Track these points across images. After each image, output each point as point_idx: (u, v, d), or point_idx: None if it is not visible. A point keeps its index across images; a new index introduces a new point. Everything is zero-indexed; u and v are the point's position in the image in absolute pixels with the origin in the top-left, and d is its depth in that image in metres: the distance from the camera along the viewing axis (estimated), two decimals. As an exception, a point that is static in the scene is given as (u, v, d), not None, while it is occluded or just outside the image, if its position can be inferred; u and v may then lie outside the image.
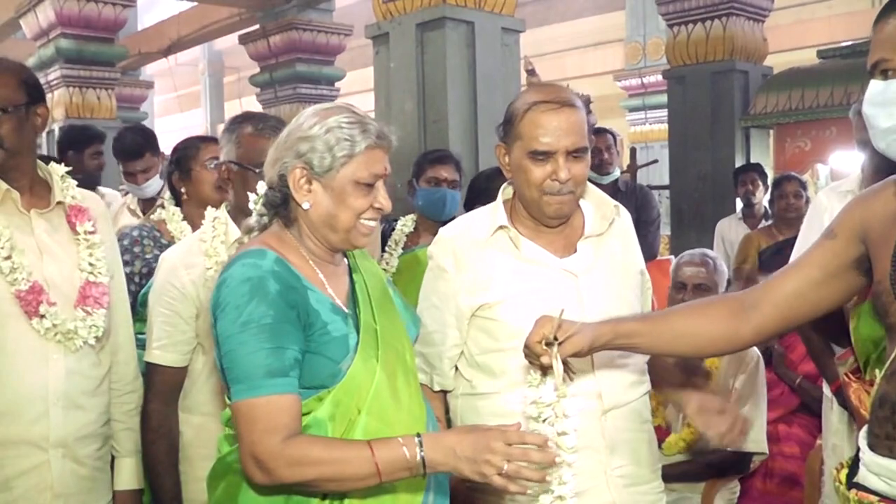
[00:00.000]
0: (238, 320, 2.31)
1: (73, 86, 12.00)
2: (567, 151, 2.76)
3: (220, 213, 3.40)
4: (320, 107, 2.56)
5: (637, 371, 2.93)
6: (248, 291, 2.32)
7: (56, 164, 3.33)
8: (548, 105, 2.79)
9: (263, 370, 2.29)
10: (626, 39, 19.00)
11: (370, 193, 2.48)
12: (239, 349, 2.31)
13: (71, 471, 3.13)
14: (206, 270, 3.26)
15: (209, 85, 28.11)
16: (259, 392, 2.28)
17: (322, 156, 2.44)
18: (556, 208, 2.82)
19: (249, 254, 2.42)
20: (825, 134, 8.80)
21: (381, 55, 7.66)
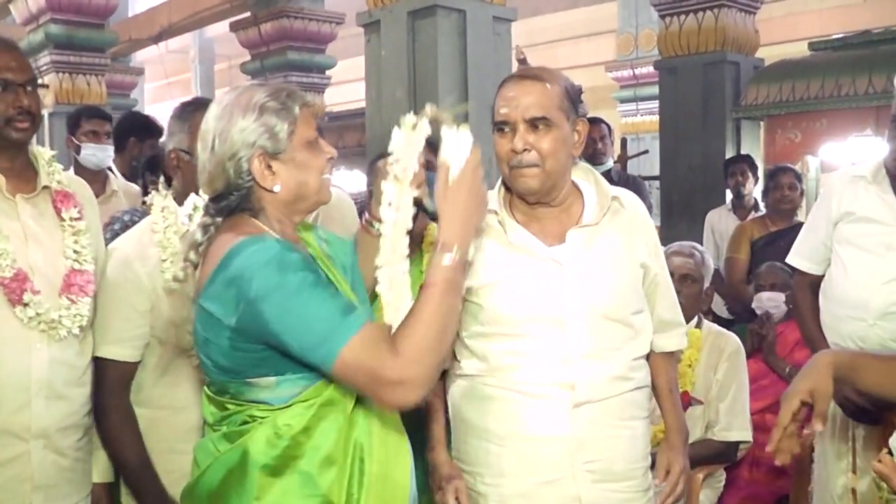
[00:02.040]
0: (287, 294, 2.29)
1: (62, 71, 11.97)
2: (525, 121, 2.75)
3: (168, 203, 3.31)
4: (225, 102, 2.50)
5: (624, 366, 2.90)
6: (277, 269, 2.30)
7: (42, 148, 3.31)
8: (512, 78, 2.84)
9: (338, 315, 2.30)
10: (619, 30, 18.97)
11: (319, 149, 2.51)
12: (305, 314, 2.29)
13: (52, 462, 3.11)
14: (162, 262, 3.20)
15: (200, 72, 27.99)
16: (349, 334, 2.28)
17: (272, 136, 2.43)
18: (522, 182, 2.81)
19: (248, 242, 2.37)
20: (816, 126, 8.79)
21: (372, 43, 7.64)
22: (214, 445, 2.50)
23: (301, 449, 2.40)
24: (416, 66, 7.23)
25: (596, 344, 2.82)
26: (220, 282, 2.35)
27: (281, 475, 2.40)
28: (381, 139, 7.24)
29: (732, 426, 4.36)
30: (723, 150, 9.34)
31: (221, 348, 2.38)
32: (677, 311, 3.12)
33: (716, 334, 4.55)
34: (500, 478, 2.88)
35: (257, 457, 2.39)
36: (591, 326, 2.82)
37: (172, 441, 3.26)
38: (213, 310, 2.36)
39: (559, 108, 2.80)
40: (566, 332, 2.80)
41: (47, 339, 3.07)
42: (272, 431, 2.40)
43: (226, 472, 2.45)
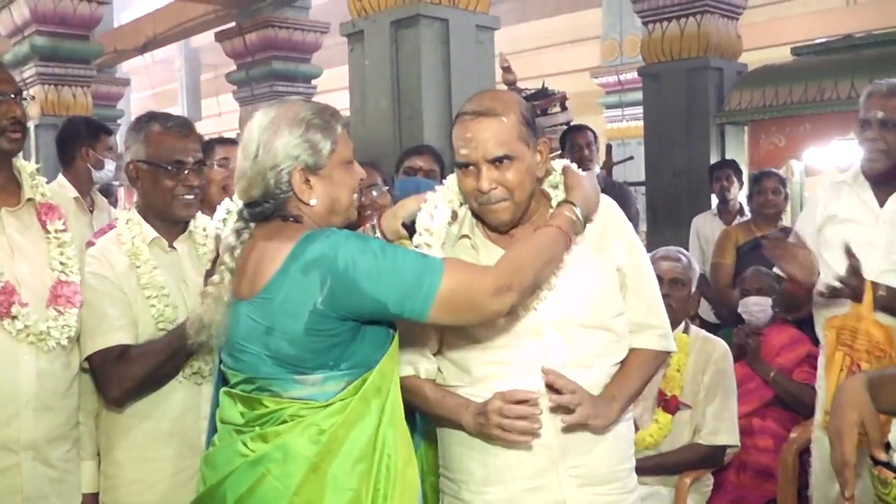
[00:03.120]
0: (375, 255, 2.46)
1: (48, 83, 11.95)
2: (487, 160, 2.72)
3: (132, 214, 3.38)
4: (275, 113, 2.61)
5: (604, 373, 2.90)
6: (357, 240, 2.51)
7: (25, 162, 3.33)
8: (466, 116, 2.77)
9: (421, 258, 2.55)
10: (603, 36, 18.98)
11: (354, 169, 2.67)
12: (395, 265, 2.47)
13: (42, 473, 3.13)
14: (135, 269, 3.26)
15: (186, 82, 27.98)
16: (439, 267, 2.50)
17: (314, 151, 2.56)
18: (494, 217, 2.80)
19: (314, 234, 2.51)
20: (799, 130, 8.82)
21: (355, 52, 7.66)
22: (246, 446, 2.53)
23: (339, 444, 2.49)
24: (400, 76, 7.24)
25: (573, 353, 2.82)
26: (296, 270, 2.45)
27: (318, 471, 2.46)
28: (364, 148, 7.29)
29: (719, 430, 4.36)
30: (707, 155, 9.37)
31: (292, 335, 2.46)
32: (652, 314, 3.04)
33: (703, 339, 4.56)
34: (484, 485, 2.87)
35: (300, 452, 2.46)
36: (567, 336, 2.82)
37: (144, 448, 3.29)
38: (289, 298, 2.45)
39: (519, 138, 2.76)
40: (544, 342, 2.81)
41: (35, 351, 3.08)
42: (314, 429, 2.48)
43: (262, 471, 2.49)
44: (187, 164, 3.29)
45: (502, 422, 2.67)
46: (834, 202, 4.17)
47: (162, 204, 3.32)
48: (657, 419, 4.35)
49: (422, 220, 2.92)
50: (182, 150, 3.29)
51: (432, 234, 2.89)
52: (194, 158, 3.32)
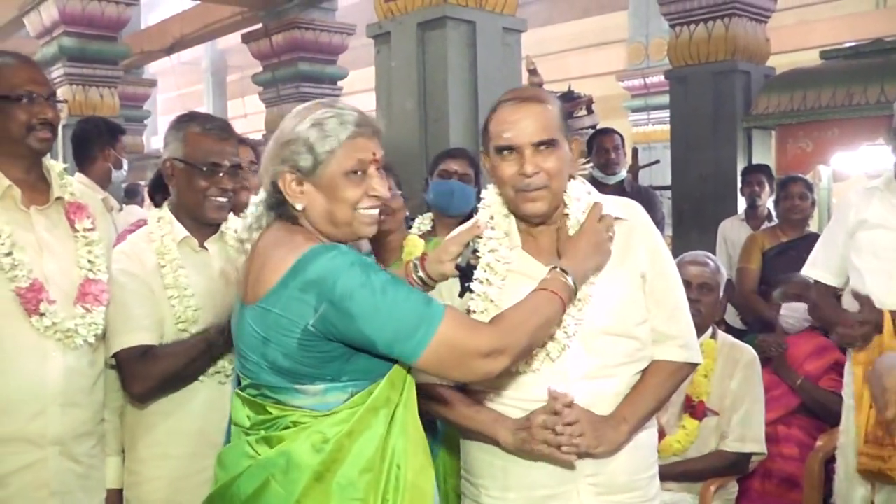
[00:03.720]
0: (375, 291, 2.37)
1: (75, 84, 12.01)
2: (532, 144, 2.74)
3: (164, 213, 3.42)
4: (301, 107, 2.59)
5: (625, 383, 2.88)
6: (361, 270, 2.39)
7: (53, 161, 3.37)
8: (510, 101, 2.80)
9: (423, 304, 2.43)
10: (629, 40, 18.97)
11: (362, 183, 2.51)
12: (394, 308, 2.39)
13: (67, 468, 3.15)
14: (161, 268, 3.30)
15: (212, 84, 28.04)
16: (438, 318, 2.41)
17: (305, 156, 2.48)
18: (530, 206, 2.79)
19: (321, 249, 2.44)
20: (827, 135, 8.77)
21: (382, 54, 7.67)
22: (252, 449, 2.53)
23: (345, 453, 2.45)
24: (427, 77, 7.25)
25: (595, 362, 2.80)
26: (295, 286, 2.40)
27: (323, 480, 2.44)
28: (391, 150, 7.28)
29: (746, 438, 4.33)
30: (734, 159, 9.34)
31: (286, 348, 2.43)
32: (673, 322, 2.98)
33: (730, 345, 4.53)
34: (505, 491, 2.88)
35: (303, 460, 2.43)
36: (590, 345, 2.80)
37: (167, 445, 3.32)
38: (284, 313, 2.41)
39: (559, 128, 2.80)
40: (566, 350, 2.79)
41: (63, 348, 3.11)
42: (318, 437, 2.45)
43: (266, 475, 2.47)
44: (222, 167, 3.32)
45: (548, 437, 2.67)
46: (865, 207, 4.16)
47: (194, 204, 3.35)
48: (684, 425, 4.32)
49: (485, 259, 2.86)
50: (219, 152, 3.32)
51: (495, 271, 2.84)
52: (230, 162, 3.34)
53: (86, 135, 6.05)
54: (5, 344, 3.04)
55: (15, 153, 3.16)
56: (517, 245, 2.90)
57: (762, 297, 6.83)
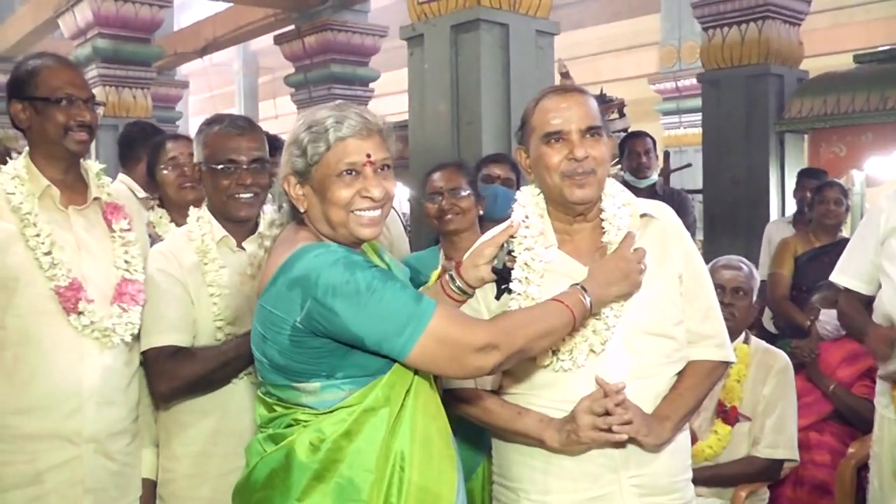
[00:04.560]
0: (360, 290, 2.38)
1: (109, 85, 12.09)
2: (580, 131, 2.78)
3: (203, 212, 3.46)
4: (309, 111, 2.61)
5: (665, 382, 2.89)
6: (344, 268, 2.39)
7: (91, 162, 3.42)
8: (555, 92, 2.86)
9: (412, 301, 2.42)
10: (661, 43, 18.90)
11: (353, 184, 2.51)
12: (380, 305, 2.38)
13: (102, 466, 3.19)
14: (202, 265, 3.33)
15: (244, 85, 28.17)
16: (428, 315, 2.41)
17: (299, 159, 2.52)
18: (580, 192, 2.80)
19: (311, 248, 2.47)
20: (861, 139, 8.73)
21: (415, 56, 7.67)
22: (261, 445, 2.57)
23: (343, 453, 2.46)
24: (459, 80, 7.24)
25: (636, 361, 2.81)
26: (283, 283, 2.43)
27: (323, 480, 2.45)
28: (423, 152, 7.30)
29: (778, 444, 4.30)
30: (766, 163, 9.30)
31: (280, 345, 2.46)
32: (708, 322, 3.01)
33: (763, 351, 4.50)
34: (545, 495, 2.86)
35: (302, 459, 2.46)
36: (631, 344, 2.81)
37: (202, 444, 3.36)
38: (275, 310, 2.44)
39: (601, 119, 2.85)
40: (606, 351, 2.80)
41: (99, 347, 3.16)
42: (315, 435, 2.46)
43: (270, 471, 2.52)
44: (241, 163, 3.34)
45: (595, 420, 2.68)
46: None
47: (220, 204, 3.39)
48: (716, 430, 4.30)
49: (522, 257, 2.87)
50: (234, 148, 3.34)
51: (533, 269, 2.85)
52: (249, 157, 3.35)
53: (132, 137, 6.13)
54: (44, 342, 3.08)
55: (53, 154, 3.21)
56: (553, 244, 2.91)
57: (794, 303, 6.80)
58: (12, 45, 16.76)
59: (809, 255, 6.97)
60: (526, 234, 2.89)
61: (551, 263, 2.88)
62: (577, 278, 2.78)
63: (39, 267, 3.07)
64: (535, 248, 2.87)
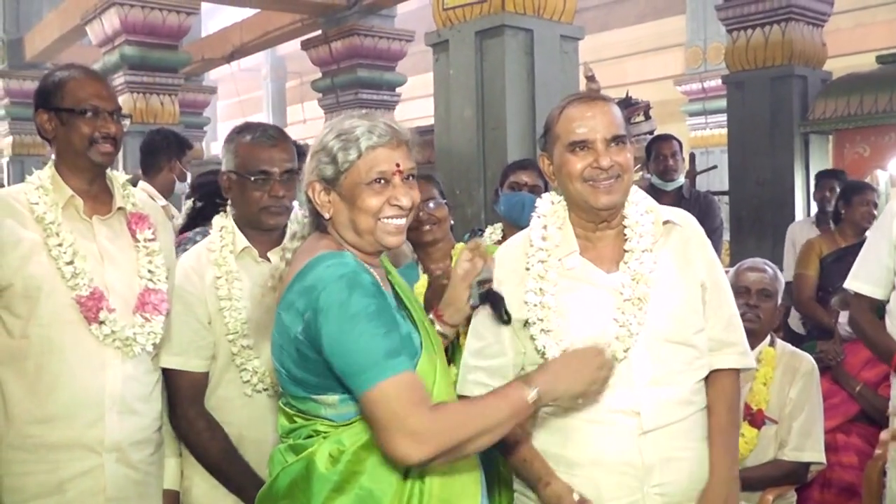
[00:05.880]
0: (346, 315, 2.36)
1: (136, 92, 12.15)
2: (605, 139, 2.79)
3: (227, 223, 3.45)
4: (333, 120, 2.64)
5: (687, 390, 2.89)
6: (347, 286, 2.38)
7: (117, 172, 3.44)
8: (580, 100, 2.87)
9: (383, 353, 2.35)
10: (687, 44, 18.85)
11: (383, 192, 2.53)
12: (355, 341, 2.36)
13: (124, 475, 3.19)
14: (216, 279, 3.34)
15: (272, 90, 28.25)
16: (388, 373, 2.33)
17: (328, 166, 2.54)
18: (605, 198, 2.82)
19: (327, 256, 2.47)
20: (885, 140, 8.71)
21: (440, 62, 7.71)
22: (283, 456, 2.59)
23: (363, 465, 2.47)
24: (485, 86, 7.28)
25: (660, 369, 2.81)
26: (296, 291, 2.45)
27: (343, 491, 2.46)
28: (449, 157, 7.34)
29: (805, 447, 4.30)
30: (791, 164, 9.28)
31: (293, 357, 2.48)
32: (731, 330, 3.03)
33: (790, 354, 4.50)
34: None
35: (321, 471, 2.47)
36: (654, 352, 2.82)
37: None
38: (286, 318, 2.47)
39: (625, 127, 2.87)
40: (629, 358, 2.80)
41: (121, 356, 3.17)
42: (335, 447, 2.48)
43: (290, 482, 2.53)
44: (273, 175, 3.32)
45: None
46: None
47: (250, 214, 3.38)
48: (743, 433, 4.27)
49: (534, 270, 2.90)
50: (267, 160, 3.33)
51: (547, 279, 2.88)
52: (281, 168, 3.34)
53: (155, 145, 6.19)
54: (65, 351, 3.09)
55: (78, 165, 3.23)
56: (574, 251, 2.92)
57: (820, 304, 6.80)
58: (40, 52, 16.91)
59: (835, 256, 6.95)
60: (541, 247, 2.92)
61: (573, 270, 2.89)
62: (599, 285, 2.83)
63: (62, 276, 3.09)
64: (548, 261, 2.89)
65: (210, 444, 3.30)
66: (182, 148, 6.28)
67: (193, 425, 3.31)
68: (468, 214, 5.16)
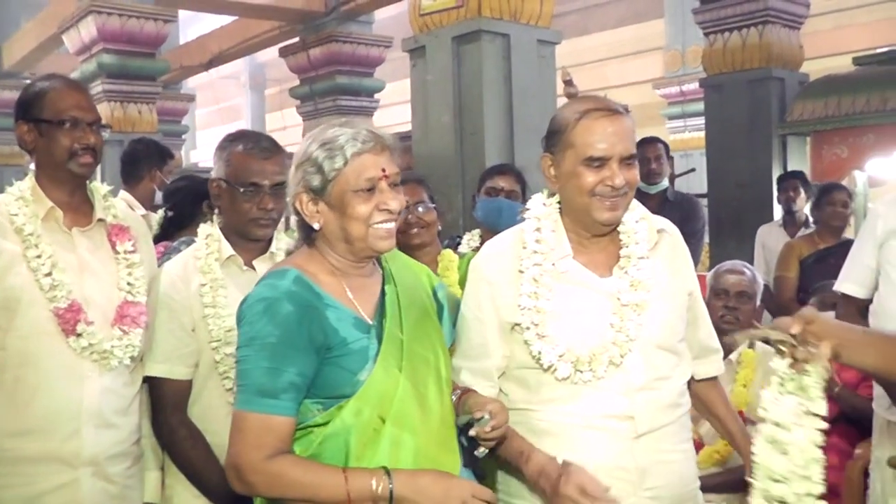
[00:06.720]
0: (247, 335, 2.48)
1: (114, 100, 12.03)
2: (621, 158, 2.78)
3: (213, 231, 3.44)
4: (314, 130, 2.65)
5: (675, 392, 2.91)
6: (261, 311, 2.47)
7: (99, 184, 3.43)
8: (601, 112, 2.81)
9: (256, 388, 2.45)
10: (666, 47, 18.92)
11: (372, 198, 2.56)
12: (242, 362, 2.49)
13: (101, 489, 3.19)
14: (201, 287, 3.32)
15: (251, 97, 28.19)
16: (248, 407, 2.46)
17: (315, 176, 2.56)
18: (611, 214, 2.82)
19: (272, 274, 2.58)
20: (862, 141, 8.72)
21: (417, 68, 7.72)
22: None
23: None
24: (462, 91, 7.29)
25: (651, 374, 2.82)
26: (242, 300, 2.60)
27: None
28: (427, 163, 7.34)
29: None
30: (770, 166, 9.30)
31: None
32: (714, 338, 3.12)
33: (764, 354, 4.52)
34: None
35: None
36: (647, 358, 2.83)
37: None
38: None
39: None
40: (623, 363, 2.80)
41: (99, 369, 3.16)
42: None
43: None
44: (263, 188, 3.30)
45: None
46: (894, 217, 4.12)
47: (238, 224, 3.37)
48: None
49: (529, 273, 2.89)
50: (259, 172, 3.29)
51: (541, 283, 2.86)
52: (271, 181, 3.31)
53: (136, 154, 6.18)
54: (42, 363, 3.09)
55: (58, 177, 3.23)
56: (568, 254, 2.91)
57: (801, 305, 6.82)
58: (17, 61, 16.82)
59: (815, 258, 7.00)
60: (535, 249, 2.91)
61: (566, 274, 2.89)
62: (593, 288, 2.85)
63: (40, 288, 3.08)
64: (543, 265, 2.88)
65: (191, 453, 3.28)
66: (163, 157, 6.27)
67: (175, 433, 3.29)
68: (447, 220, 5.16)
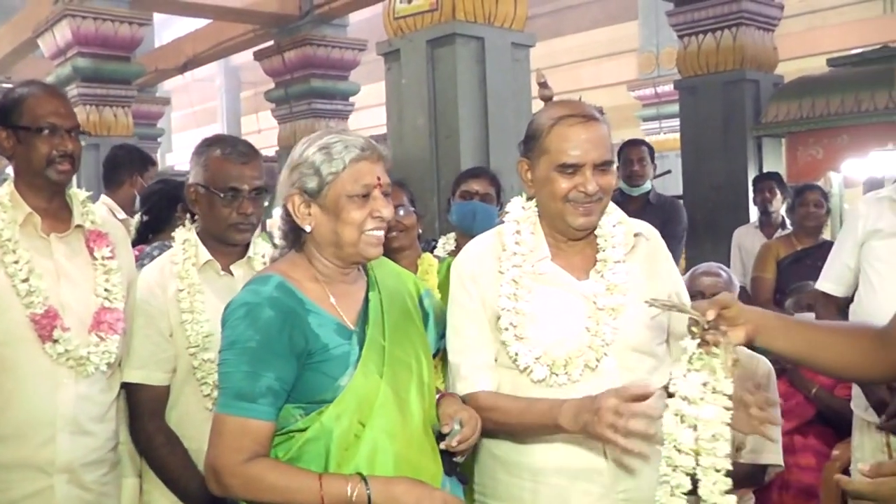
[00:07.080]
0: (228, 339, 2.51)
1: (89, 104, 11.98)
2: (594, 164, 2.78)
3: (190, 235, 3.42)
4: (311, 135, 2.68)
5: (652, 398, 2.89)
6: (243, 315, 2.50)
7: (78, 190, 3.42)
8: (575, 119, 2.81)
9: (234, 391, 2.48)
10: (640, 49, 18.98)
11: (366, 205, 2.59)
12: (223, 366, 2.52)
13: (76, 496, 3.17)
14: (178, 292, 3.31)
15: (226, 100, 28.15)
16: (227, 410, 2.48)
17: (311, 178, 2.57)
18: (585, 220, 2.83)
19: (255, 280, 2.60)
20: (837, 142, 8.77)
21: (392, 71, 7.72)
22: None
23: None
24: (437, 94, 7.30)
25: (627, 378, 2.80)
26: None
27: None
28: (402, 167, 7.33)
29: (762, 449, 4.31)
30: (745, 168, 9.34)
31: None
32: None
33: (746, 357, 4.49)
34: None
35: None
36: (623, 361, 2.83)
37: None
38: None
39: (611, 149, 2.88)
40: (599, 367, 2.80)
41: (75, 376, 3.14)
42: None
43: None
44: (242, 192, 3.29)
45: (617, 422, 2.50)
46: (876, 217, 4.13)
47: (216, 229, 3.36)
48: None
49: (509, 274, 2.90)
50: (237, 177, 3.29)
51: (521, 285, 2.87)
52: (250, 186, 3.30)
53: (118, 160, 6.18)
54: (18, 369, 3.07)
55: (36, 183, 3.22)
56: (546, 256, 2.92)
57: (777, 306, 6.83)
58: (-8, 65, 16.75)
59: (792, 259, 7.01)
60: (515, 251, 2.92)
61: (544, 276, 2.90)
62: (571, 290, 2.86)
63: (17, 294, 3.07)
64: (523, 266, 2.89)
65: (169, 459, 3.26)
66: (145, 164, 6.27)
67: (153, 440, 3.27)
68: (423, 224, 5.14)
